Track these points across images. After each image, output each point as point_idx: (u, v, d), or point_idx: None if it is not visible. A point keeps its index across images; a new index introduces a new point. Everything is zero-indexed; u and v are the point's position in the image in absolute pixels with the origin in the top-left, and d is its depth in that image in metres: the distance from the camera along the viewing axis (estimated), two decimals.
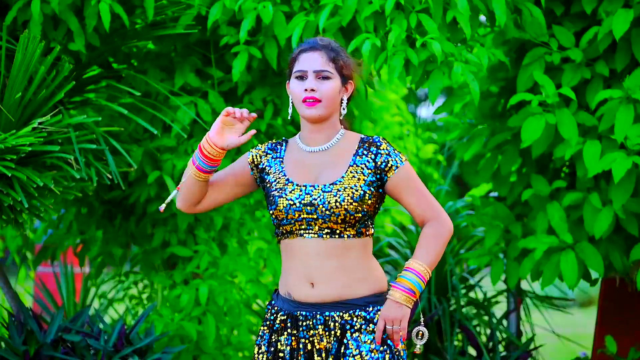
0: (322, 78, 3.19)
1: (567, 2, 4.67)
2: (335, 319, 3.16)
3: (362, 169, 3.18)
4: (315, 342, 3.17)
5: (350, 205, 3.13)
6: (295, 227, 3.19)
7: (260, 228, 5.34)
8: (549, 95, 4.35)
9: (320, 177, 3.20)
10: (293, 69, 3.23)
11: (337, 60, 3.21)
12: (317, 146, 3.24)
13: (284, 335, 3.20)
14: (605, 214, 4.35)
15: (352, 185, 3.16)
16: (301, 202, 3.17)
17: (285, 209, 3.18)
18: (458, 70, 4.20)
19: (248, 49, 4.55)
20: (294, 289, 3.21)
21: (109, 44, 4.68)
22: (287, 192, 3.19)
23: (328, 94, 3.19)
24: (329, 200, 3.14)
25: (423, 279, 3.11)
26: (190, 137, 4.84)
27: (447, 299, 5.47)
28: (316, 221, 3.16)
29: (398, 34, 4.18)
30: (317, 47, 3.21)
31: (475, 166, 5.14)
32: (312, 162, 3.23)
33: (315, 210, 3.15)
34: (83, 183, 4.43)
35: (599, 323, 5.31)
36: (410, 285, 3.11)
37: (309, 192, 3.18)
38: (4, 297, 4.78)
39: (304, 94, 3.19)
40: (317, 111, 3.19)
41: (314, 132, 3.24)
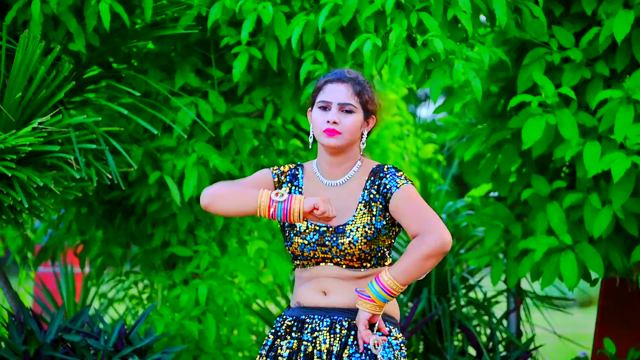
0: (345, 111, 3.18)
1: (566, 3, 4.67)
2: (343, 323, 3.16)
3: (370, 204, 3.18)
4: (318, 343, 3.16)
5: (364, 245, 3.15)
6: (312, 262, 3.22)
7: (261, 228, 5.34)
8: (548, 96, 4.35)
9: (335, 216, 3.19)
10: (317, 97, 3.22)
11: (362, 95, 3.20)
12: (333, 180, 3.24)
13: (286, 340, 3.20)
14: (604, 213, 4.35)
15: (365, 223, 3.16)
16: (315, 242, 3.19)
17: (300, 248, 3.22)
18: (459, 68, 4.20)
19: (248, 49, 4.55)
20: (304, 298, 3.22)
21: (109, 44, 4.68)
22: (302, 231, 3.21)
23: (349, 128, 3.18)
24: (342, 242, 3.16)
25: (385, 289, 3.07)
26: (191, 137, 4.84)
27: (447, 299, 5.47)
28: (332, 260, 3.19)
29: (399, 33, 4.18)
30: (343, 79, 3.20)
31: (475, 166, 5.14)
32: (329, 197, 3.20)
33: (330, 250, 3.18)
34: (83, 183, 4.43)
35: (599, 323, 5.31)
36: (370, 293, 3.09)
37: (322, 233, 3.19)
38: (4, 297, 4.78)
39: (326, 125, 3.17)
40: (337, 141, 3.18)
41: (333, 166, 3.24)
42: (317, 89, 3.23)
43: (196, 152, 4.69)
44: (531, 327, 5.67)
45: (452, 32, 4.39)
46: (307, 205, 3.09)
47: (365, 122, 3.23)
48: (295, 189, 3.28)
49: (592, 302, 11.31)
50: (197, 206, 4.96)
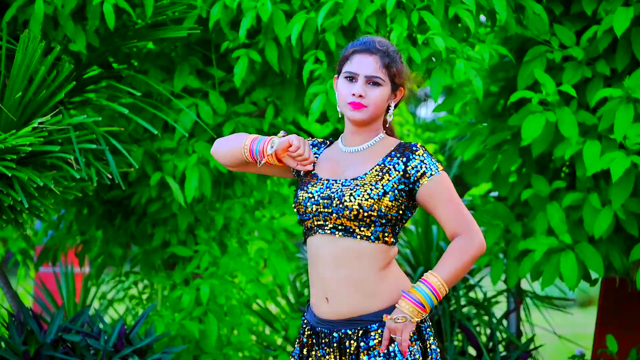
0: (372, 84, 3.11)
1: (566, 2, 4.67)
2: (351, 336, 3.09)
3: (390, 169, 3.09)
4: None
5: (365, 201, 3.04)
6: (313, 222, 3.13)
7: (261, 228, 5.34)
8: (549, 94, 4.35)
9: (346, 173, 3.15)
10: (343, 67, 3.14)
11: (391, 68, 3.12)
12: (353, 147, 3.19)
13: (313, 352, 3.16)
14: (604, 213, 4.35)
15: (374, 182, 3.07)
16: (320, 195, 3.11)
17: (304, 202, 3.14)
18: (461, 67, 4.19)
19: (248, 53, 4.54)
20: (314, 303, 3.17)
21: (109, 44, 4.69)
22: (310, 186, 3.15)
23: (376, 101, 3.11)
24: (345, 193, 3.07)
25: (436, 293, 3.00)
26: (191, 136, 4.84)
27: (447, 299, 5.47)
28: (330, 216, 3.09)
29: (400, 33, 4.18)
30: (372, 51, 3.12)
31: (475, 166, 5.14)
32: (344, 160, 3.18)
33: (331, 203, 3.08)
34: (83, 183, 4.43)
35: (599, 323, 5.31)
36: (420, 297, 3.01)
37: (329, 185, 3.12)
38: (4, 297, 4.78)
39: (351, 98, 3.10)
40: (362, 115, 3.12)
41: (354, 134, 3.18)
42: (345, 57, 3.14)
43: (197, 153, 4.69)
44: (531, 327, 5.67)
45: (453, 31, 4.39)
46: (281, 141, 3.11)
47: (392, 95, 3.16)
48: (314, 157, 3.24)
49: (592, 302, 11.31)
50: (198, 206, 4.96)
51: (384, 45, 3.13)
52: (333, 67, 3.22)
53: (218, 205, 5.04)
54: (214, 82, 4.89)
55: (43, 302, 5.30)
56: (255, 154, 3.18)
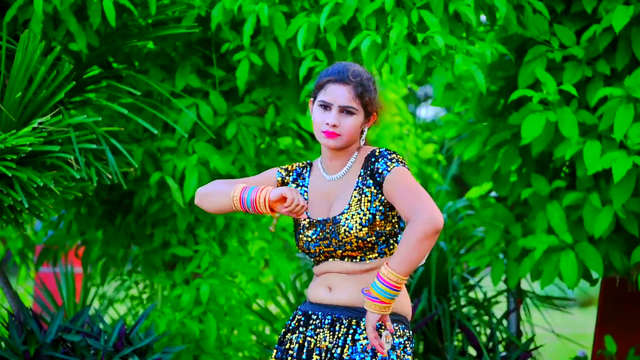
0: (346, 112, 3.17)
1: (567, 1, 4.67)
2: (343, 321, 3.16)
3: (363, 189, 3.17)
4: (318, 340, 3.18)
5: (360, 232, 3.14)
6: (321, 258, 3.24)
7: (261, 228, 5.34)
8: (550, 93, 4.35)
9: (332, 208, 3.22)
10: (318, 95, 3.20)
11: (364, 97, 3.17)
12: (334, 174, 3.25)
13: (295, 334, 3.23)
14: (605, 213, 4.35)
15: (359, 210, 3.15)
16: (317, 237, 3.21)
17: (305, 246, 3.24)
18: (460, 61, 4.19)
19: (249, 55, 4.54)
20: (312, 294, 3.25)
21: (109, 44, 4.68)
22: (305, 229, 3.24)
23: (349, 130, 3.17)
24: (339, 231, 3.16)
25: (387, 283, 3.02)
26: (191, 137, 4.83)
27: (447, 299, 5.47)
28: (335, 252, 3.19)
29: (399, 32, 4.17)
30: (346, 81, 3.17)
31: (475, 166, 5.14)
32: (329, 191, 3.25)
33: (330, 243, 3.19)
34: (83, 183, 4.43)
35: (599, 323, 5.31)
36: (373, 292, 3.05)
37: (322, 227, 3.21)
38: (4, 297, 4.78)
39: (325, 127, 3.17)
40: (336, 143, 3.18)
41: (332, 160, 3.25)
42: (319, 86, 3.20)
43: (197, 154, 4.69)
44: (531, 327, 5.67)
45: (453, 29, 4.38)
46: (274, 194, 3.13)
47: (365, 121, 3.22)
48: (301, 188, 3.30)
49: (592, 302, 11.31)
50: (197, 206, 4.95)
51: (357, 75, 3.18)
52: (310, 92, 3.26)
53: None
54: (214, 81, 4.89)
55: (43, 302, 5.30)
56: (247, 205, 3.21)
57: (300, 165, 3.35)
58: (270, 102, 4.90)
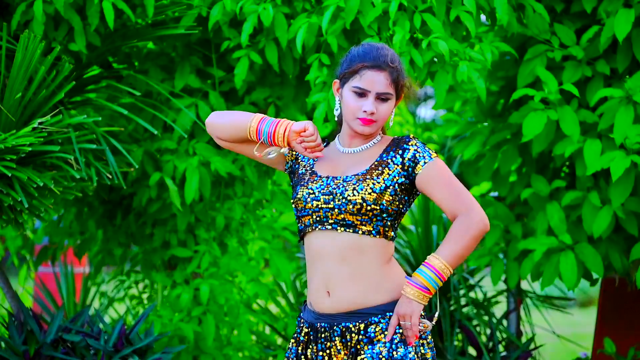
0: (381, 99, 3.16)
1: (567, 1, 4.67)
2: (352, 329, 3.12)
3: (388, 163, 3.14)
4: (333, 354, 3.14)
5: (368, 195, 3.09)
6: (312, 218, 3.16)
7: (261, 228, 5.34)
8: (551, 92, 4.35)
9: (347, 171, 3.19)
10: (352, 80, 3.16)
11: (399, 81, 3.17)
12: (352, 148, 3.24)
13: (309, 349, 3.19)
14: (604, 213, 4.35)
15: (375, 177, 3.12)
16: (321, 191, 3.15)
17: (304, 197, 3.17)
18: (464, 70, 4.19)
19: (249, 54, 4.54)
20: (313, 299, 3.20)
21: (109, 44, 4.68)
22: (310, 182, 3.18)
23: (385, 115, 3.17)
24: (347, 187, 3.11)
25: (439, 275, 3.04)
26: (191, 137, 4.83)
27: (447, 299, 5.47)
28: (332, 211, 3.12)
29: (402, 36, 4.17)
30: (383, 67, 3.15)
31: (474, 166, 5.14)
32: (343, 160, 3.22)
33: (333, 198, 3.12)
34: (83, 183, 4.43)
35: (599, 323, 5.31)
36: (424, 281, 3.05)
37: (330, 182, 3.16)
38: (4, 297, 4.78)
39: (362, 115, 3.15)
40: (371, 129, 3.17)
41: (354, 138, 3.23)
42: (353, 70, 3.16)
43: (198, 155, 4.68)
44: (531, 327, 5.67)
45: (454, 31, 4.38)
46: (297, 125, 3.12)
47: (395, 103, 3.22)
48: None
49: (592, 302, 11.31)
50: (198, 206, 4.96)
51: (394, 60, 3.17)
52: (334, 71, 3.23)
53: (218, 205, 5.03)
54: (213, 81, 4.89)
55: (43, 302, 5.30)
56: (264, 135, 3.19)
57: None
58: (271, 102, 4.90)
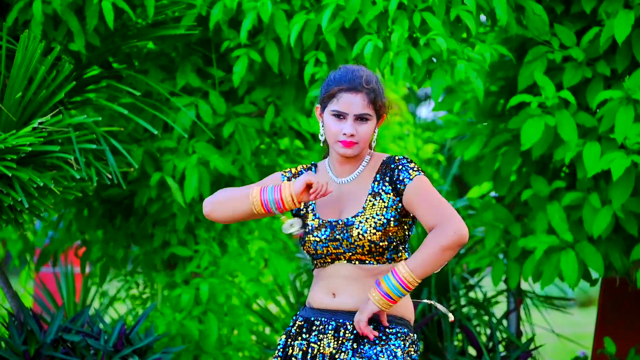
0: (360, 120, 3.15)
1: (566, 2, 4.67)
2: (347, 326, 3.13)
3: (380, 194, 3.15)
4: (322, 346, 3.15)
5: (374, 236, 3.12)
6: (327, 259, 3.20)
7: (261, 228, 5.34)
8: (548, 97, 4.35)
9: (344, 210, 3.19)
10: (330, 104, 3.16)
11: (377, 102, 3.16)
12: (344, 177, 3.23)
13: (297, 340, 3.20)
14: (604, 212, 4.35)
15: (374, 214, 3.13)
16: (327, 238, 3.17)
17: (313, 246, 3.20)
18: (462, 69, 4.19)
19: (248, 53, 4.54)
20: (315, 299, 3.21)
21: (109, 44, 4.68)
22: (314, 229, 3.20)
23: (366, 136, 3.16)
24: (352, 234, 3.13)
25: (403, 282, 3.04)
26: (191, 137, 4.83)
27: (447, 299, 5.47)
28: (344, 254, 3.16)
29: (400, 34, 4.17)
30: (359, 89, 3.15)
31: (475, 166, 5.13)
32: (339, 194, 3.22)
33: (341, 245, 3.15)
34: (83, 183, 4.43)
35: (599, 323, 5.31)
36: (386, 288, 3.05)
37: (333, 228, 3.17)
38: (4, 297, 4.78)
39: (343, 137, 3.14)
40: (353, 151, 3.17)
41: (343, 164, 3.22)
42: (330, 95, 3.17)
43: (197, 154, 4.69)
44: (531, 327, 5.68)
45: (454, 31, 4.38)
46: (298, 185, 3.09)
47: (377, 123, 3.22)
48: None
49: (592, 302, 11.32)
50: (197, 206, 4.96)
51: (369, 81, 3.16)
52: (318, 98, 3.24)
53: None
54: (214, 81, 4.89)
55: (43, 302, 5.30)
56: (272, 206, 3.15)
57: (305, 167, 3.32)
58: (270, 102, 4.90)
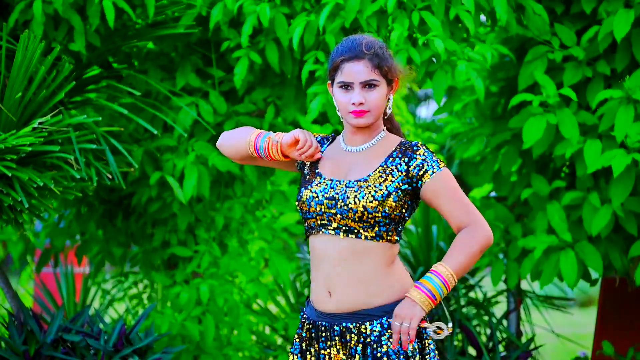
0: (368, 87, 3.12)
1: (567, 2, 4.67)
2: (352, 329, 3.12)
3: (392, 170, 3.11)
4: (333, 354, 3.14)
5: (370, 203, 3.07)
6: (317, 221, 3.15)
7: (261, 228, 5.34)
8: (549, 96, 4.35)
9: (350, 174, 3.16)
10: (335, 76, 3.15)
11: (382, 66, 3.12)
12: (355, 146, 3.20)
13: (313, 346, 3.19)
14: (603, 211, 4.35)
15: (377, 184, 3.09)
16: (324, 195, 3.13)
17: (307, 201, 3.16)
18: (462, 69, 4.19)
19: (249, 54, 4.54)
20: (315, 299, 3.20)
21: (109, 44, 4.69)
22: (313, 185, 3.17)
23: (376, 103, 3.12)
24: (349, 195, 3.09)
25: (446, 283, 3.02)
26: (191, 136, 4.84)
27: (447, 298, 5.47)
28: (335, 216, 3.11)
29: (400, 33, 4.17)
30: (360, 56, 3.11)
31: (475, 166, 5.14)
32: (346, 160, 3.19)
33: (335, 204, 3.11)
34: (83, 183, 4.43)
35: (599, 323, 5.31)
36: (431, 287, 3.03)
37: (333, 186, 3.14)
38: (4, 297, 4.78)
39: (352, 107, 3.12)
40: (366, 120, 3.13)
41: (355, 134, 3.20)
42: (335, 67, 3.14)
43: (195, 151, 4.69)
44: (531, 327, 5.68)
45: (454, 31, 4.38)
46: (286, 138, 3.14)
47: (389, 89, 3.17)
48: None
49: (592, 302, 11.31)
50: (197, 206, 4.96)
51: (370, 46, 3.13)
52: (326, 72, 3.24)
53: (218, 205, 5.04)
54: (214, 82, 4.89)
55: (43, 302, 5.30)
56: (260, 151, 3.22)
57: (321, 136, 3.32)
58: (270, 102, 4.90)
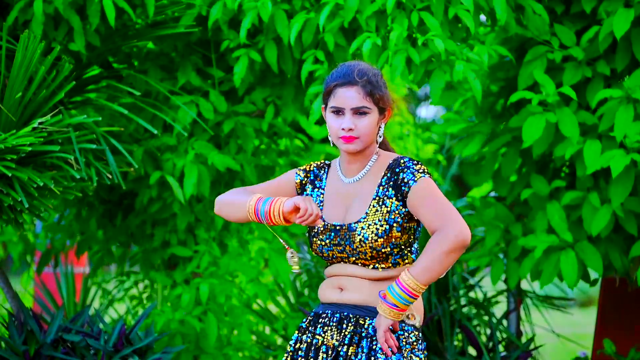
0: (359, 114, 3.12)
1: (567, 2, 4.67)
2: (350, 319, 3.15)
3: (384, 199, 3.13)
4: (326, 338, 3.17)
5: (376, 242, 3.11)
6: (334, 261, 3.21)
7: (261, 228, 5.34)
8: (549, 95, 4.35)
9: (348, 213, 3.19)
10: (329, 101, 3.16)
11: (374, 94, 3.13)
12: (351, 177, 3.21)
13: (305, 334, 3.22)
14: (603, 211, 4.35)
15: (376, 220, 3.12)
16: (331, 242, 3.18)
17: (319, 249, 3.21)
18: (460, 69, 4.19)
19: (248, 53, 4.54)
20: (323, 295, 3.23)
21: (109, 44, 4.69)
22: (319, 233, 3.20)
23: (366, 130, 3.13)
24: (354, 240, 3.13)
25: (407, 290, 3.02)
26: (191, 136, 4.84)
27: (447, 299, 5.47)
28: (349, 258, 3.17)
29: (399, 33, 4.18)
30: (353, 82, 3.13)
31: (475, 166, 5.13)
32: (345, 194, 3.21)
33: (344, 250, 3.16)
34: (83, 183, 4.43)
35: (599, 323, 5.31)
36: (392, 298, 3.05)
37: (337, 232, 3.17)
38: (4, 297, 4.78)
39: (342, 132, 3.13)
40: (355, 146, 3.14)
41: (351, 163, 3.21)
42: (328, 91, 3.16)
43: (195, 150, 4.69)
44: (531, 327, 5.68)
45: (453, 31, 4.38)
46: (288, 205, 3.08)
47: (380, 118, 3.18)
48: (318, 190, 3.27)
49: (592, 302, 11.32)
50: (197, 206, 4.96)
51: (363, 73, 3.13)
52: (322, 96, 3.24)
53: None
54: (213, 82, 4.89)
55: (43, 302, 5.30)
56: (261, 216, 3.16)
57: (318, 165, 3.31)
58: (270, 102, 4.90)
